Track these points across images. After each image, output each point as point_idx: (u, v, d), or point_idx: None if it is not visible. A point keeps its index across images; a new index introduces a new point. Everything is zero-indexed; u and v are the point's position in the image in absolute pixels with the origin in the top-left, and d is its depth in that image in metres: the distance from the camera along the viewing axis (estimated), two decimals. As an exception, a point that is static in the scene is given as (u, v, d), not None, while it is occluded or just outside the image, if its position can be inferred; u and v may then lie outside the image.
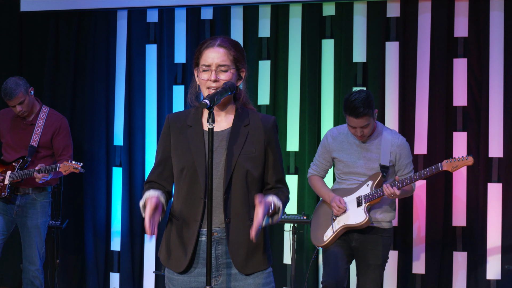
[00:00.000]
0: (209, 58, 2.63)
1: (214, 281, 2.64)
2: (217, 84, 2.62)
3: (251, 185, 2.64)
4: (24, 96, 4.87)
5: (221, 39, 2.67)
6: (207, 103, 2.49)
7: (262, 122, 2.69)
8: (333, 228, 4.23)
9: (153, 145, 5.80)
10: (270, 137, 2.69)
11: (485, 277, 5.10)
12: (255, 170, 2.64)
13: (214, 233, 2.62)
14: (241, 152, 2.62)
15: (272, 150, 2.69)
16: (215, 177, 2.61)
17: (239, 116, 2.69)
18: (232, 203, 2.61)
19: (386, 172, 4.21)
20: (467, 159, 4.15)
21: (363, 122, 4.11)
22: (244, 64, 2.71)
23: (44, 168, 4.71)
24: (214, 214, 2.61)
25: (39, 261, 4.91)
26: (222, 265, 2.64)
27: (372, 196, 4.16)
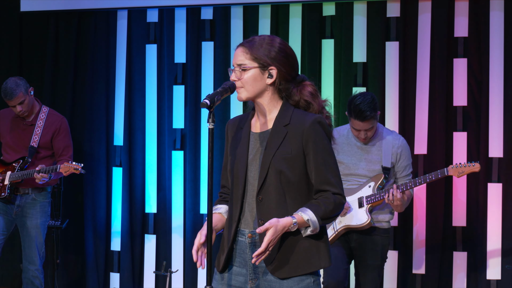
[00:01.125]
0: (233, 59, 2.67)
1: (251, 283, 2.62)
2: (239, 83, 2.63)
3: (287, 187, 2.57)
4: (24, 96, 4.87)
5: (249, 38, 2.68)
6: (207, 103, 2.49)
7: (302, 121, 2.60)
8: (335, 227, 4.23)
9: (153, 145, 5.80)
10: (309, 136, 2.58)
11: (485, 277, 5.10)
12: (291, 172, 2.57)
13: (252, 235, 2.61)
14: (276, 152, 2.58)
15: (311, 150, 2.58)
16: (255, 178, 2.60)
17: (281, 116, 2.64)
18: (266, 205, 2.57)
19: (387, 173, 4.20)
20: (474, 166, 4.10)
21: (368, 125, 4.11)
22: (271, 62, 2.60)
23: (44, 168, 4.71)
24: (251, 216, 2.60)
25: (39, 261, 4.91)
26: (259, 268, 2.61)
27: (375, 198, 4.16)
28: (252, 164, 2.63)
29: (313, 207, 2.55)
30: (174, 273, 5.49)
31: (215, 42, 5.66)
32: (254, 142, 2.66)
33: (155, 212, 5.80)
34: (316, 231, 2.56)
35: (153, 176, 5.79)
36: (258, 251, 2.48)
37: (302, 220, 2.52)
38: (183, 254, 5.71)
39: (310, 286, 2.61)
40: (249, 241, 2.61)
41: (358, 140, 4.26)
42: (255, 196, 2.60)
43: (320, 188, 2.59)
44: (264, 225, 2.47)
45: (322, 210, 2.55)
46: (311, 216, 2.53)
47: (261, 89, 2.64)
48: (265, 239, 2.46)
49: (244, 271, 2.63)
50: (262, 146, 2.63)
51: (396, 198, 4.04)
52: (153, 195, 5.80)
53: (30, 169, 4.83)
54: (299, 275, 2.59)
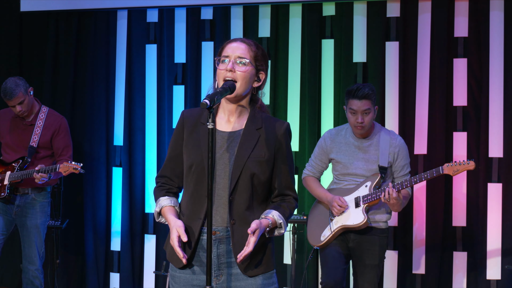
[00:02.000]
0: (229, 49, 2.65)
1: (216, 280, 2.63)
2: (232, 75, 2.61)
3: (257, 188, 2.63)
4: (24, 96, 4.87)
5: (246, 38, 2.70)
6: (207, 103, 2.48)
7: (275, 127, 2.67)
8: (331, 228, 4.23)
9: (153, 145, 5.80)
10: (281, 143, 2.67)
11: (485, 277, 5.10)
12: (262, 175, 2.63)
13: (216, 232, 2.62)
14: (250, 155, 2.61)
15: (281, 156, 2.67)
16: (223, 177, 2.61)
17: (253, 119, 2.67)
18: (238, 205, 2.61)
19: (384, 173, 4.20)
20: (469, 164, 4.11)
21: (365, 105, 4.10)
22: (264, 67, 2.69)
23: (44, 168, 4.71)
24: (218, 213, 2.62)
25: (38, 261, 4.91)
26: (223, 264, 2.64)
27: (371, 197, 4.16)
28: (220, 163, 2.62)
29: (280, 210, 2.66)
30: (174, 273, 5.48)
31: (215, 42, 5.66)
32: (221, 141, 2.66)
33: (155, 212, 5.80)
34: (281, 234, 2.68)
35: (153, 176, 5.79)
36: (246, 251, 2.53)
37: (274, 222, 2.63)
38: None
39: (273, 275, 2.69)
40: (213, 238, 2.62)
41: (356, 140, 4.25)
42: (220, 194, 2.61)
43: (283, 192, 2.72)
44: (252, 226, 2.53)
45: (288, 213, 2.70)
46: (283, 220, 2.65)
47: (248, 90, 2.68)
48: (253, 239, 2.53)
49: (205, 269, 2.62)
50: (232, 146, 2.64)
51: (392, 197, 4.03)
52: (153, 195, 5.78)
53: (30, 169, 4.83)
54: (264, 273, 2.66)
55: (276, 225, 2.64)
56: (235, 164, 2.60)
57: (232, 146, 2.64)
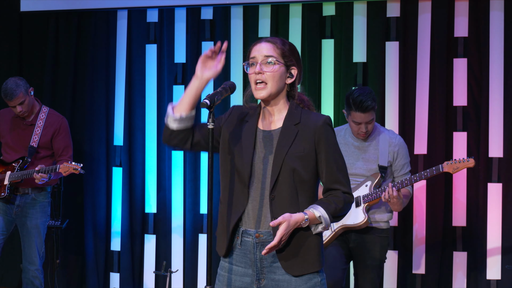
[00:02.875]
0: (255, 51, 2.63)
1: (257, 283, 2.61)
2: (261, 77, 2.60)
3: (300, 185, 2.59)
4: (25, 97, 4.87)
5: (272, 37, 2.68)
6: (207, 103, 2.48)
7: (313, 121, 2.63)
8: (332, 227, 4.23)
9: (153, 145, 5.80)
10: (321, 135, 2.61)
11: (485, 277, 5.10)
12: (304, 170, 2.58)
13: (260, 235, 2.60)
14: (289, 151, 2.58)
15: (323, 149, 2.61)
16: (265, 177, 2.59)
17: (291, 115, 2.65)
18: (279, 203, 2.57)
19: (384, 172, 4.20)
20: (468, 161, 4.12)
21: (369, 116, 4.10)
22: (294, 62, 2.66)
23: (44, 169, 4.71)
24: (262, 214, 2.59)
25: (38, 261, 4.91)
26: (266, 268, 2.61)
27: (371, 197, 4.16)
28: (261, 162, 2.61)
29: (324, 205, 2.58)
30: (174, 273, 5.49)
31: (215, 42, 5.65)
32: (262, 140, 2.65)
33: (155, 212, 5.81)
34: (327, 228, 2.59)
35: (153, 176, 5.79)
36: (271, 244, 2.49)
37: (313, 217, 2.55)
38: (183, 254, 5.71)
39: (317, 285, 2.62)
40: (256, 241, 2.60)
41: (355, 140, 4.25)
42: (263, 194, 2.59)
43: (331, 187, 2.64)
44: (278, 219, 2.48)
45: (333, 208, 2.59)
46: (323, 213, 2.56)
47: (281, 88, 2.65)
48: (278, 233, 2.48)
49: (250, 271, 2.62)
50: (271, 145, 2.62)
51: (392, 196, 4.04)
52: (153, 195, 5.80)
53: (30, 169, 4.83)
54: (310, 272, 2.61)
55: (316, 219, 2.56)
56: (274, 161, 2.58)
57: (271, 145, 2.63)
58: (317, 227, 2.58)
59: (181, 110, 2.66)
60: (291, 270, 2.58)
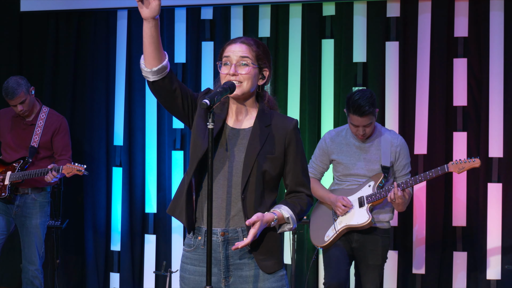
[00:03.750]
0: (230, 52, 2.65)
1: (224, 281, 2.63)
2: (236, 78, 2.61)
3: (267, 185, 2.63)
4: (26, 96, 4.88)
5: (245, 37, 2.70)
6: (207, 103, 2.48)
7: (284, 124, 2.67)
8: (335, 228, 4.22)
9: (153, 145, 5.80)
10: (291, 139, 2.66)
11: (485, 277, 5.10)
12: (273, 171, 2.63)
13: (225, 233, 2.61)
14: (260, 152, 2.61)
15: (292, 152, 2.66)
16: (233, 175, 2.60)
17: (261, 116, 2.68)
18: (250, 203, 2.59)
19: (387, 172, 4.20)
20: (474, 161, 4.12)
21: (367, 121, 4.10)
22: (267, 64, 2.69)
23: (56, 167, 4.72)
24: (228, 212, 2.61)
25: (38, 261, 4.91)
26: (232, 265, 2.63)
27: (375, 197, 4.16)
28: (230, 161, 2.62)
29: (290, 205, 2.65)
30: (174, 273, 5.48)
31: (215, 42, 5.66)
32: (231, 138, 2.66)
33: (155, 212, 5.81)
34: (292, 229, 2.66)
35: (153, 176, 5.79)
36: (244, 242, 2.51)
37: (282, 217, 2.62)
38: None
39: (283, 278, 2.68)
40: (221, 239, 2.62)
41: (357, 140, 4.26)
42: (230, 192, 2.60)
43: (295, 189, 2.70)
44: (253, 218, 2.52)
45: (298, 209, 2.67)
46: (290, 213, 2.63)
47: (254, 88, 2.68)
48: (252, 231, 2.52)
49: (216, 270, 2.63)
50: (241, 144, 2.64)
51: (397, 196, 4.05)
52: (153, 195, 5.80)
53: (31, 169, 4.83)
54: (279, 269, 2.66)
55: (284, 220, 2.62)
56: (245, 161, 2.60)
57: (242, 143, 2.64)
58: (284, 227, 2.65)
59: (151, 63, 2.64)
60: (265, 268, 2.63)
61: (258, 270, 2.63)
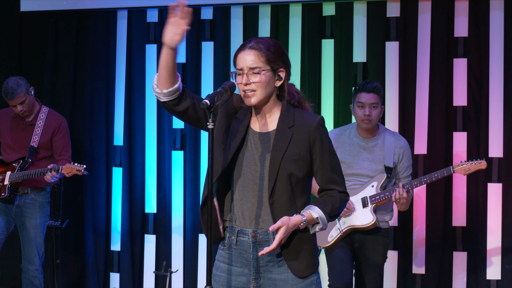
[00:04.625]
0: (241, 61, 2.63)
1: (254, 283, 2.63)
2: (250, 87, 2.60)
3: (296, 188, 2.61)
4: (25, 96, 4.88)
5: (254, 41, 2.65)
6: (207, 103, 2.49)
7: (307, 122, 2.64)
8: (339, 228, 4.22)
9: (153, 145, 5.80)
10: (315, 137, 2.63)
11: (485, 277, 5.10)
12: (300, 173, 2.60)
13: (256, 235, 2.61)
14: (285, 154, 2.59)
15: (318, 150, 2.63)
16: (261, 179, 2.60)
17: (284, 117, 2.65)
18: (279, 207, 2.58)
19: (390, 173, 4.20)
20: (481, 163, 4.12)
21: (373, 98, 4.12)
22: (282, 64, 2.65)
23: (56, 167, 4.72)
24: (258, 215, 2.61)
25: (38, 261, 4.91)
26: (263, 267, 2.63)
27: (379, 198, 4.16)
28: (255, 163, 2.62)
29: (320, 205, 2.61)
30: (174, 273, 5.49)
31: (215, 42, 5.66)
32: (255, 142, 2.65)
33: (155, 212, 5.81)
34: (324, 229, 2.62)
35: (153, 176, 5.79)
36: (270, 248, 2.51)
37: (311, 218, 2.58)
38: (183, 254, 5.71)
39: (314, 283, 2.65)
40: (252, 241, 2.61)
41: (361, 140, 4.25)
42: (260, 196, 2.60)
43: (326, 187, 2.66)
44: (277, 223, 2.51)
45: (330, 208, 2.62)
46: (320, 213, 2.59)
47: (271, 92, 2.66)
48: (277, 236, 2.50)
49: (246, 271, 2.63)
50: (266, 148, 2.63)
51: (402, 197, 4.06)
52: (153, 195, 5.80)
53: (31, 170, 4.83)
54: (313, 272, 2.65)
55: (314, 220, 2.59)
56: (270, 166, 2.59)
57: (266, 147, 2.63)
58: (315, 227, 2.61)
59: (163, 85, 2.66)
60: (297, 272, 2.61)
61: (288, 273, 2.62)
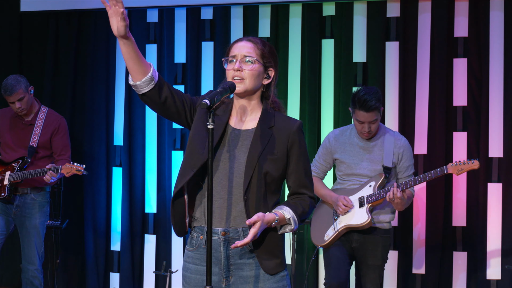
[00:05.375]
0: (236, 49, 2.66)
1: (225, 281, 2.63)
2: (240, 74, 2.61)
3: (269, 186, 2.62)
4: (24, 93, 4.88)
5: (252, 37, 2.71)
6: (207, 103, 2.48)
7: (287, 125, 2.67)
8: (335, 227, 4.22)
9: (153, 145, 5.80)
10: (294, 140, 2.65)
11: (485, 277, 5.10)
12: (275, 172, 2.62)
13: (226, 233, 2.61)
14: (262, 153, 2.60)
15: (295, 154, 2.65)
16: (235, 175, 2.60)
17: (265, 117, 2.67)
18: (252, 204, 2.59)
19: (389, 173, 4.20)
20: (473, 163, 4.12)
21: (372, 116, 4.10)
22: (273, 64, 2.69)
23: (55, 167, 4.72)
24: (230, 212, 2.60)
25: (38, 261, 4.91)
26: (233, 265, 2.63)
27: (375, 197, 4.16)
28: (228, 160, 2.62)
29: (291, 207, 2.64)
30: (174, 273, 5.48)
31: (215, 42, 5.66)
32: (232, 139, 2.66)
33: (155, 212, 5.81)
34: (293, 230, 2.64)
35: (153, 176, 5.79)
36: (243, 241, 2.51)
37: (283, 218, 2.60)
38: (183, 254, 5.71)
39: (284, 278, 2.67)
40: (222, 239, 2.61)
41: (360, 140, 4.25)
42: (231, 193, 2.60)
43: (298, 191, 2.69)
44: (253, 218, 2.51)
45: (300, 211, 2.65)
46: (292, 215, 2.61)
47: (258, 87, 2.68)
48: (252, 231, 2.51)
49: (217, 269, 2.63)
50: (244, 145, 2.64)
51: (396, 197, 4.04)
52: (153, 195, 5.80)
53: (30, 169, 4.83)
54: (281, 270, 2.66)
55: (286, 221, 2.60)
56: (247, 163, 2.59)
57: (244, 144, 2.64)
58: (285, 228, 2.63)
59: (136, 77, 2.63)
60: (267, 269, 2.62)
61: (259, 270, 2.63)
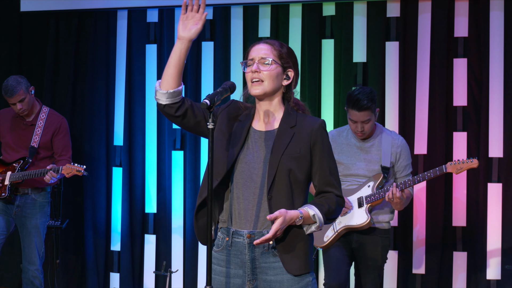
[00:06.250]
0: (254, 52, 2.67)
1: (249, 284, 2.61)
2: (258, 75, 2.62)
3: (295, 185, 2.61)
4: (25, 94, 4.88)
5: (269, 39, 2.73)
6: (207, 103, 2.49)
7: (309, 124, 2.66)
8: (334, 228, 4.22)
9: (153, 145, 5.80)
10: (316, 138, 2.64)
11: (485, 277, 5.10)
12: (299, 170, 2.60)
13: (251, 235, 2.60)
14: (285, 151, 2.60)
15: (318, 152, 2.64)
16: (259, 176, 2.60)
17: (287, 117, 2.67)
18: (276, 203, 2.57)
19: (387, 173, 4.20)
20: (472, 162, 4.12)
21: (365, 116, 4.10)
22: (291, 65, 2.69)
23: (56, 168, 4.73)
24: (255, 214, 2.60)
25: (38, 261, 4.91)
26: (258, 269, 2.62)
27: (374, 197, 4.16)
28: (253, 161, 2.62)
29: (317, 205, 2.60)
30: (174, 273, 5.49)
31: (215, 42, 5.66)
32: (256, 140, 2.66)
33: (155, 212, 5.81)
34: (320, 228, 2.60)
35: (153, 176, 5.79)
36: (265, 237, 2.50)
37: (308, 216, 2.57)
38: (183, 254, 5.71)
39: (309, 284, 2.64)
40: (247, 242, 2.60)
41: (358, 140, 4.26)
42: (256, 193, 2.59)
43: (323, 190, 2.66)
44: (274, 213, 2.49)
45: (326, 209, 2.61)
46: (317, 212, 2.58)
47: (277, 88, 2.68)
48: (274, 226, 2.49)
49: (241, 272, 2.62)
50: (267, 145, 2.63)
51: (395, 196, 4.04)
52: (153, 195, 5.80)
53: (31, 170, 4.83)
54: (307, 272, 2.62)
55: (311, 219, 2.57)
56: (270, 162, 2.59)
57: (268, 145, 2.64)
58: (311, 227, 2.60)
59: (169, 85, 2.68)
60: (290, 269, 2.59)
61: (284, 275, 2.60)
